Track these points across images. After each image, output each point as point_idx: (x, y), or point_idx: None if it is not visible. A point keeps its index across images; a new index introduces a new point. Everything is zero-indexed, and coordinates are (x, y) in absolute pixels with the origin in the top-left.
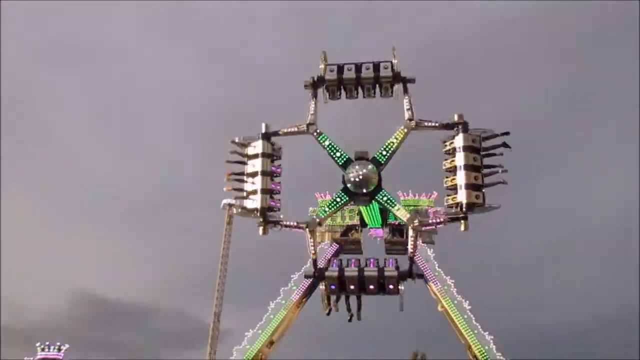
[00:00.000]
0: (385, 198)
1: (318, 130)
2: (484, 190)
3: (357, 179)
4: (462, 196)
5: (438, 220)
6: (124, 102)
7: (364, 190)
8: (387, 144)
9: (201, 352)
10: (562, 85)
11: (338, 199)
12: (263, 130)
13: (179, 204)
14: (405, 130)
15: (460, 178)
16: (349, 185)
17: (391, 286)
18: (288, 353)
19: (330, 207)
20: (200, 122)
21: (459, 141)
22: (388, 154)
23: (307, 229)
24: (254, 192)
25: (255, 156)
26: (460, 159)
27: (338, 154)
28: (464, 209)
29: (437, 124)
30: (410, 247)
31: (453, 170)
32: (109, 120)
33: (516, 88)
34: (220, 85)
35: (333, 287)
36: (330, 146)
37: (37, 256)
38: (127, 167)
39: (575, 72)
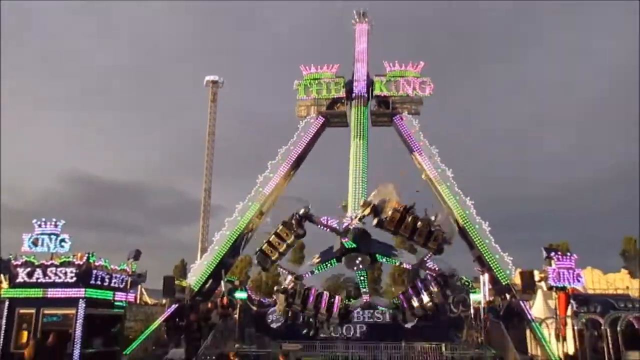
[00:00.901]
0: (385, 259)
1: (304, 279)
2: (438, 236)
3: (361, 267)
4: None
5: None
6: None
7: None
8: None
9: (195, 227)
10: None
11: (362, 278)
12: None
13: (164, 83)
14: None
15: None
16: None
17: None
18: (277, 221)
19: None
20: None
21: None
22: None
23: None
24: None
25: None
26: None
27: (330, 265)
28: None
29: (363, 221)
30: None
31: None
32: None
33: None
34: None
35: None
36: (321, 268)
37: (32, 139)
38: (112, 48)
39: None
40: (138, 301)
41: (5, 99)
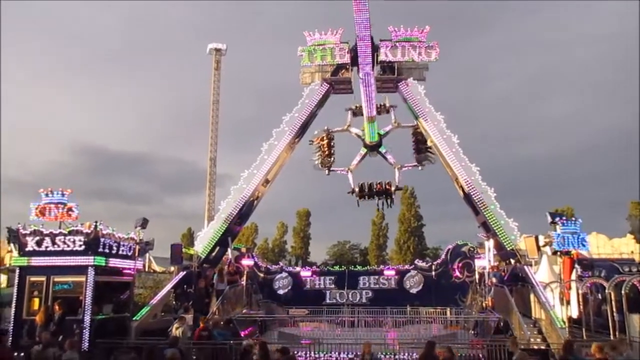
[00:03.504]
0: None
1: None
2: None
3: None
4: None
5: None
6: None
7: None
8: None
9: (201, 196)
10: None
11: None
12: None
13: (166, 50)
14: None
15: None
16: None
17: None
18: (283, 189)
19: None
20: None
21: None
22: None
23: None
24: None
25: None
26: None
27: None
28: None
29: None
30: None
31: None
32: None
33: None
34: None
35: None
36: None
37: (36, 111)
38: (113, 14)
39: None
40: (146, 269)
41: (8, 67)
